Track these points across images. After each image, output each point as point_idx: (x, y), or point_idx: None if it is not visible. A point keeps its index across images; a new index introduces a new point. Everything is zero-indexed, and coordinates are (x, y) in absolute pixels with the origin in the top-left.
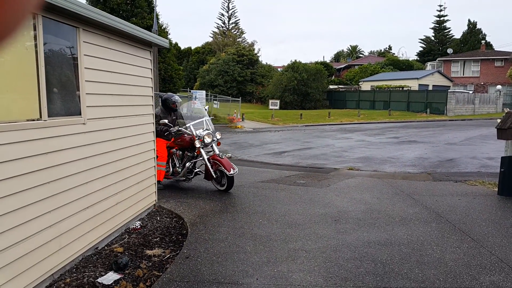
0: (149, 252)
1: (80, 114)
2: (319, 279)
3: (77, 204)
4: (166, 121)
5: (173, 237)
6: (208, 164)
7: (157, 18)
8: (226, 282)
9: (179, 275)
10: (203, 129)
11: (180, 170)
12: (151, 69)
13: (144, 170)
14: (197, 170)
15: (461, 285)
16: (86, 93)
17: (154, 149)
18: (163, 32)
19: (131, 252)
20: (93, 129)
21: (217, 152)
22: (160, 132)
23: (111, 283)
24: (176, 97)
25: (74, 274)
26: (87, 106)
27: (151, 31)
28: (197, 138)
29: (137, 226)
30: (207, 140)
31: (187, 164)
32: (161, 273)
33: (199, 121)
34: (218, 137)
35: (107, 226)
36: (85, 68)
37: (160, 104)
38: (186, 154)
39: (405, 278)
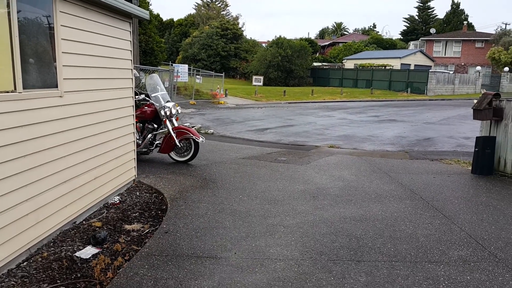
0: (128, 227)
1: (57, 87)
2: (295, 253)
3: (54, 178)
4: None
5: (153, 212)
6: (173, 134)
7: None
8: (204, 256)
9: (158, 249)
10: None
11: (140, 142)
12: (131, 41)
13: (123, 145)
14: (157, 142)
15: (431, 260)
16: (63, 65)
17: (133, 123)
18: (144, 3)
19: (109, 227)
20: (70, 102)
21: (176, 125)
22: None
23: (89, 257)
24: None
25: (52, 248)
26: (64, 79)
27: (131, 2)
28: (164, 109)
29: (116, 201)
30: (173, 111)
31: (149, 136)
32: (139, 248)
33: (163, 93)
34: (180, 110)
35: (85, 200)
36: (62, 39)
37: None
38: (146, 126)
39: (377, 252)
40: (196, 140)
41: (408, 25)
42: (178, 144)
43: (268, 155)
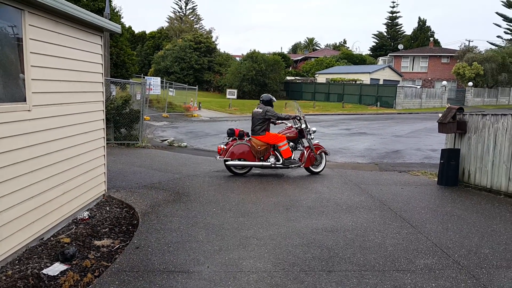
0: (97, 242)
1: (25, 101)
2: (268, 265)
3: (21, 193)
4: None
5: (123, 227)
6: (313, 149)
7: (110, 0)
8: (176, 271)
9: (129, 265)
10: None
11: (295, 159)
12: (102, 55)
13: (93, 159)
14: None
15: (398, 268)
16: (32, 79)
17: (104, 137)
18: (115, 16)
19: (78, 243)
20: (39, 116)
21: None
22: (268, 125)
23: (57, 274)
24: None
25: (17, 266)
26: (32, 92)
27: (103, 15)
28: (311, 129)
29: (85, 217)
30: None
31: (299, 152)
32: (110, 264)
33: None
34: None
35: (53, 216)
36: (31, 52)
37: (266, 103)
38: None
39: (348, 262)
40: (328, 153)
41: (377, 41)
42: (316, 157)
43: None
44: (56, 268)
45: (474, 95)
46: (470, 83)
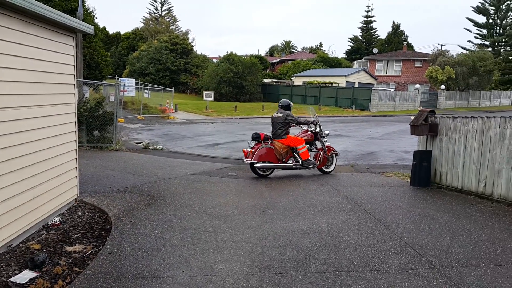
0: (69, 248)
1: None
2: (244, 268)
3: None
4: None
5: (96, 232)
6: (326, 151)
7: (83, 1)
8: (150, 276)
9: (101, 271)
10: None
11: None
12: (74, 56)
13: (64, 163)
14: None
15: (372, 268)
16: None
17: (75, 140)
18: (89, 16)
19: (49, 249)
20: (5, 119)
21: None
22: (288, 128)
23: (26, 282)
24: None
25: None
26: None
27: (75, 15)
28: (324, 132)
29: (56, 222)
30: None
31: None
32: (82, 270)
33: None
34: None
35: (22, 222)
36: None
37: (285, 108)
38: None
39: (323, 264)
40: (338, 154)
41: (352, 44)
42: (328, 158)
43: (218, 171)
44: (25, 276)
45: (446, 98)
46: (442, 86)
